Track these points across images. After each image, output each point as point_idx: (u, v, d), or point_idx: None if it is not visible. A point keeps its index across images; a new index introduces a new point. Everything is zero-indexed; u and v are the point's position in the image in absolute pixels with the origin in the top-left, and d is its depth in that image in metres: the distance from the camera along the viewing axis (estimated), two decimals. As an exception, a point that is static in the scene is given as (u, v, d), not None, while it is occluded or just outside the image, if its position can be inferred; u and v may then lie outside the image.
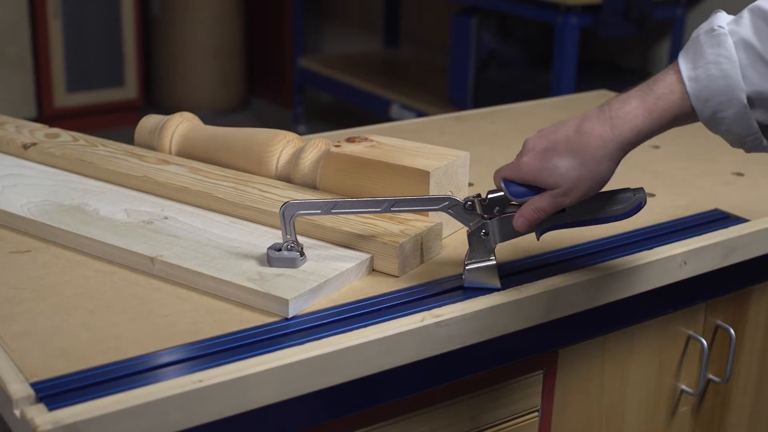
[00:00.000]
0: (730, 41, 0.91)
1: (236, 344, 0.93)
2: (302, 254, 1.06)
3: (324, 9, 4.93)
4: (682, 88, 0.93)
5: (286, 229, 1.05)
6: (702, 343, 1.30)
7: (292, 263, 1.05)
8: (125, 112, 4.56)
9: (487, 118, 1.73)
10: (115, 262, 1.09)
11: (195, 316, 0.99)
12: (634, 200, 1.01)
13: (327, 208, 1.05)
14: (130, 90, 4.59)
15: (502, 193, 1.02)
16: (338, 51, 4.82)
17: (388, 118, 3.77)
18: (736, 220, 1.28)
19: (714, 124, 0.94)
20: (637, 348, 1.26)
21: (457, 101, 3.45)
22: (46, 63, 4.33)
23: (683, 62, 0.94)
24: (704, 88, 0.92)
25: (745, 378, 1.40)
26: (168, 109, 4.77)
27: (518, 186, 1.00)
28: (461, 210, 1.05)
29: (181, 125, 1.34)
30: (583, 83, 3.00)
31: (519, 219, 1.01)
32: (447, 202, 1.06)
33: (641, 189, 1.02)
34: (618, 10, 2.93)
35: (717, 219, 1.28)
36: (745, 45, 0.91)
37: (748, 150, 0.96)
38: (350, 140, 1.22)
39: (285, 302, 0.98)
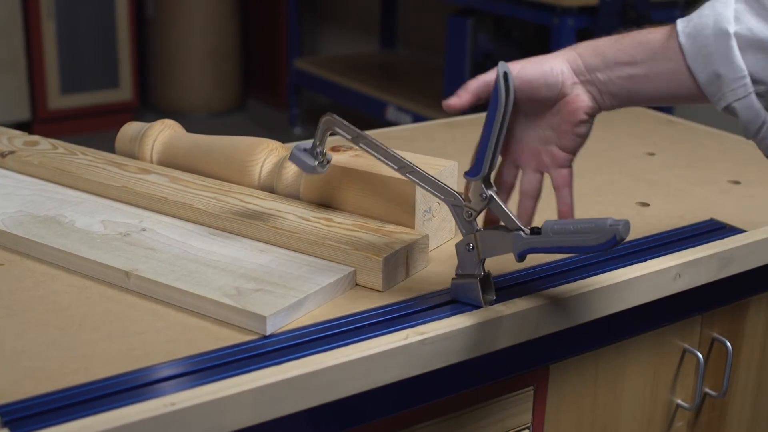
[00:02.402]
0: None
1: (211, 364, 0.90)
2: (322, 164, 1.08)
3: (320, 10, 4.90)
4: (669, 30, 0.93)
5: (318, 136, 1.06)
6: (698, 357, 1.27)
7: (306, 167, 1.08)
8: (120, 114, 4.53)
9: (478, 124, 1.68)
10: (90, 277, 1.06)
11: (170, 334, 0.95)
12: (607, 231, 0.91)
13: (357, 139, 1.05)
14: (124, 92, 4.56)
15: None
16: (335, 52, 4.79)
17: (384, 120, 3.74)
18: (732, 230, 1.24)
19: (702, 65, 0.90)
20: (630, 362, 1.22)
21: (453, 103, 3.41)
22: (40, 64, 4.30)
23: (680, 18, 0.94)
24: (693, 26, 0.91)
25: (743, 392, 1.37)
26: (163, 111, 4.77)
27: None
28: (462, 213, 1.02)
29: (163, 133, 1.30)
30: (580, 85, 2.97)
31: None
32: (452, 199, 1.02)
33: (622, 222, 0.91)
34: (615, 12, 2.90)
35: (712, 229, 1.24)
36: None
37: (748, 132, 0.92)
38: (335, 149, 1.18)
39: (262, 319, 0.94)
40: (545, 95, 0.99)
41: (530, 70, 0.98)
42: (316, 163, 1.08)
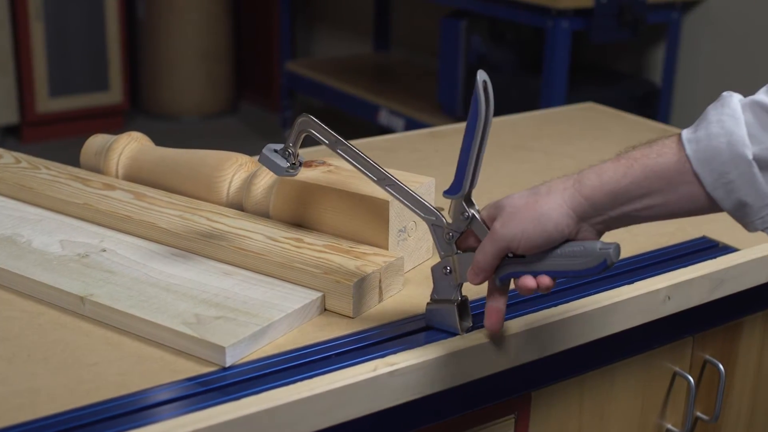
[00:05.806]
0: (735, 100, 0.83)
1: (164, 399, 0.84)
2: (294, 167, 1.02)
3: (313, 12, 4.84)
4: (678, 151, 0.84)
5: (292, 137, 1.01)
6: (689, 380, 1.21)
7: (277, 169, 1.02)
8: (110, 117, 4.46)
9: (462, 134, 1.63)
10: (44, 301, 1.00)
11: (123, 366, 0.89)
12: (597, 255, 0.87)
13: (335, 145, 0.99)
14: (114, 94, 4.49)
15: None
16: (328, 54, 4.73)
17: (377, 124, 3.68)
18: (725, 249, 1.18)
19: (724, 193, 0.83)
20: (618, 386, 1.17)
21: (446, 107, 3.35)
22: (28, 67, 4.23)
23: (685, 130, 0.85)
24: (705, 148, 0.82)
25: (736, 416, 1.31)
26: (154, 114, 4.71)
27: None
28: (441, 234, 0.96)
29: (128, 147, 1.25)
30: (575, 89, 2.91)
31: (468, 271, 0.93)
32: (434, 218, 0.96)
33: (612, 245, 0.87)
34: (611, 14, 2.83)
35: (704, 248, 1.19)
36: (753, 105, 0.82)
37: None
38: (306, 164, 1.12)
39: (221, 350, 0.88)
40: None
41: (532, 233, 0.88)
42: (288, 165, 1.02)
